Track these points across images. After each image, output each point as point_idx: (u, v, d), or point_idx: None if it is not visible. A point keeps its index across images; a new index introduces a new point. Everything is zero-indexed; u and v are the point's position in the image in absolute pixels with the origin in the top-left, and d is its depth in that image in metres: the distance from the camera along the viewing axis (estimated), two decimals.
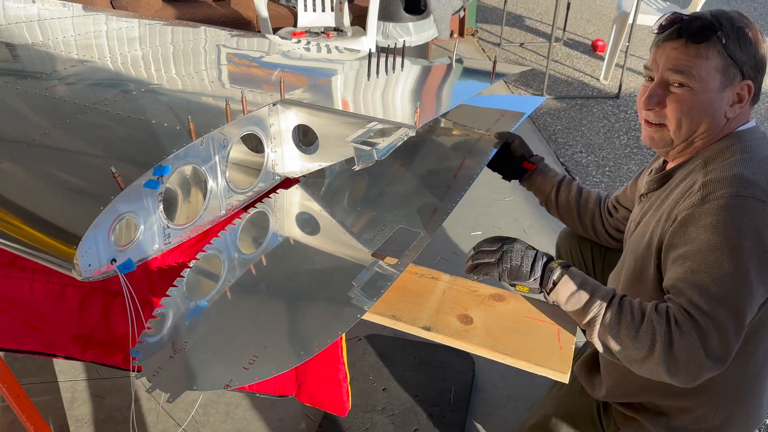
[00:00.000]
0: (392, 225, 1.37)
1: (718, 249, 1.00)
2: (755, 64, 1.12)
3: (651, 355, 0.98)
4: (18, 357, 2.04)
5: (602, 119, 4.18)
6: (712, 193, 1.05)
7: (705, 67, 1.10)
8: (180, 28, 2.17)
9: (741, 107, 1.14)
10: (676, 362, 0.97)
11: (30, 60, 1.76)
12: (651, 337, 0.98)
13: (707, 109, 1.13)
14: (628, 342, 1.01)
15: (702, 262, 1.01)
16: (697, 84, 1.11)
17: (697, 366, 0.97)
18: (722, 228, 1.01)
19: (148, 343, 1.07)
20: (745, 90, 1.13)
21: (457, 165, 1.59)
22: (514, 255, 1.15)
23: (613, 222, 1.54)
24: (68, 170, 1.19)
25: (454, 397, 1.88)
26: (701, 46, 1.10)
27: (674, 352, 0.97)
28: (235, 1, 4.62)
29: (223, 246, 1.29)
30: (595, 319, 1.05)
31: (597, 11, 7.15)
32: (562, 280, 1.11)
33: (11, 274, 1.38)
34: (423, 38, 4.33)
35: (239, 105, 1.34)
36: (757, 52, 1.11)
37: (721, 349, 0.98)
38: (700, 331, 0.97)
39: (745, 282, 0.99)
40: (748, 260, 0.99)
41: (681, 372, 0.97)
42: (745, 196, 1.02)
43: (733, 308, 0.99)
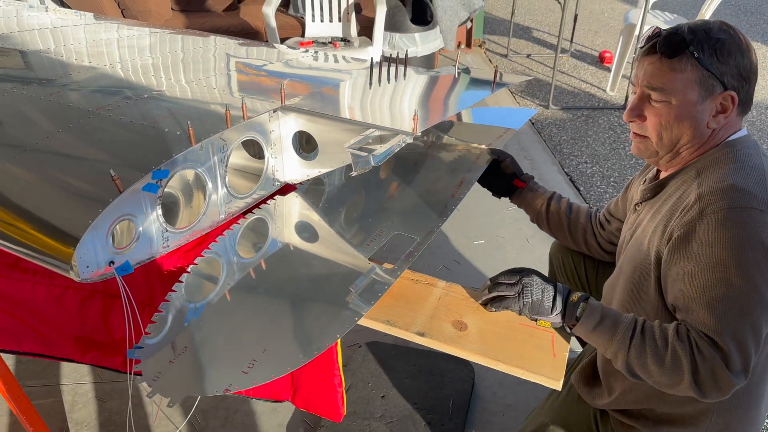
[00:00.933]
0: (389, 232, 1.38)
1: (725, 265, 1.01)
2: (738, 73, 1.11)
3: (680, 382, 1.02)
4: (21, 360, 2.06)
5: (608, 130, 4.18)
6: (709, 207, 1.05)
7: (681, 81, 1.11)
8: (189, 37, 2.20)
9: (726, 117, 1.14)
10: (704, 385, 1.01)
11: (39, 66, 1.79)
12: (678, 366, 1.02)
13: (686, 122, 1.14)
14: (655, 371, 1.04)
15: (711, 279, 1.02)
16: (673, 98, 1.12)
17: (725, 385, 1.00)
18: (725, 243, 1.01)
19: (147, 346, 1.08)
20: (729, 100, 1.12)
21: (456, 182, 1.61)
22: (534, 290, 1.16)
23: (605, 235, 1.54)
24: (69, 173, 1.21)
25: (452, 405, 1.87)
26: (674, 61, 1.11)
27: (700, 377, 1.00)
28: (244, 11, 4.67)
29: (221, 250, 1.30)
30: (620, 350, 1.08)
31: (604, 23, 7.17)
32: (584, 314, 1.12)
33: (13, 276, 1.40)
34: (429, 49, 4.35)
35: (240, 111, 1.36)
36: (740, 62, 1.10)
37: (743, 365, 1.00)
38: (722, 353, 1.00)
39: (758, 294, 1.00)
40: (756, 272, 1.00)
41: (710, 392, 1.01)
42: (742, 207, 1.02)
43: (749, 323, 1.00)
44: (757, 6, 8.04)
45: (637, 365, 1.07)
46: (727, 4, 7.91)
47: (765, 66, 5.58)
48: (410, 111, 1.53)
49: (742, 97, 1.13)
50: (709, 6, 4.49)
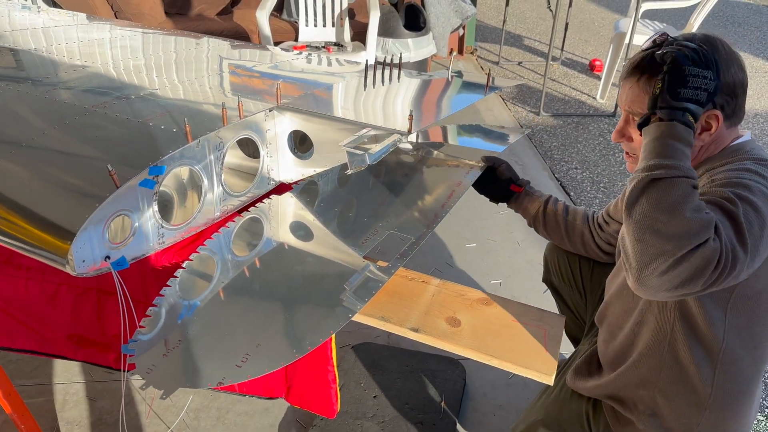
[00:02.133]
0: (383, 231, 1.40)
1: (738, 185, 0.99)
2: (724, 90, 1.07)
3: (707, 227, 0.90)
4: (12, 359, 2.05)
5: (598, 137, 4.22)
6: (726, 172, 1.06)
7: None
8: (182, 38, 2.21)
9: (711, 134, 1.12)
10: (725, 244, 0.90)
11: (33, 65, 1.79)
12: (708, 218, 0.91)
13: None
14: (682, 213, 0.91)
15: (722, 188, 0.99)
16: None
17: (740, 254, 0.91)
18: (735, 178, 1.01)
19: (141, 341, 1.09)
20: (713, 119, 1.10)
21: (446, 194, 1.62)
22: None
23: (604, 236, 1.56)
24: (65, 169, 1.21)
25: (444, 405, 1.88)
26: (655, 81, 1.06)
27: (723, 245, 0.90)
28: (238, 15, 4.68)
29: (216, 247, 1.31)
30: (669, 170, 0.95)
31: (595, 31, 7.24)
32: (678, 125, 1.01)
33: (6, 272, 1.40)
34: (422, 54, 4.38)
35: (236, 110, 1.37)
36: (725, 78, 1.07)
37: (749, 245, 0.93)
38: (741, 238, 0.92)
39: None
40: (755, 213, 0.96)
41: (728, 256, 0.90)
42: (750, 170, 1.03)
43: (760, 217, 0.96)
44: (744, 17, 8.17)
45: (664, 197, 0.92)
46: (714, 15, 8.02)
47: (753, 76, 5.66)
48: (405, 112, 1.55)
49: (728, 112, 1.11)
50: (698, 16, 4.56)
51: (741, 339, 1.11)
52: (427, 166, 1.78)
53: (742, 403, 1.19)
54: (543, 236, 1.69)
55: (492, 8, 8.39)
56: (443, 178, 1.70)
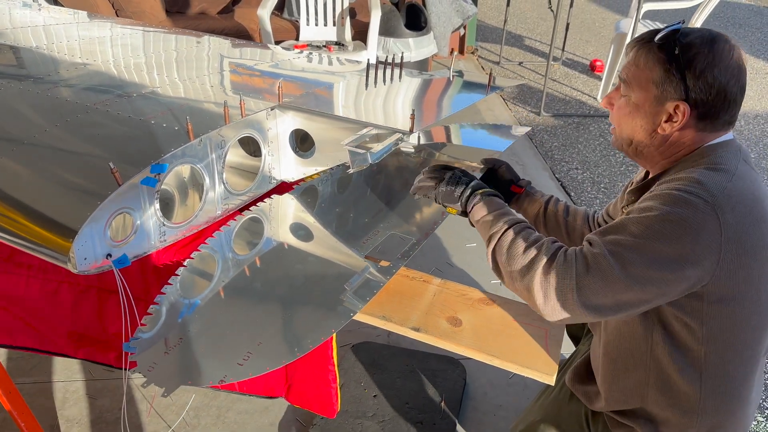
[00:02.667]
0: (384, 232, 1.40)
1: (639, 223, 1.01)
2: (703, 86, 1.07)
3: (529, 271, 1.03)
4: (12, 357, 2.05)
5: (599, 137, 4.22)
6: (662, 186, 1.07)
7: (643, 78, 1.10)
8: (183, 37, 2.20)
9: (673, 126, 1.11)
10: (548, 286, 1.00)
11: (33, 62, 1.79)
12: (536, 255, 1.03)
13: (637, 120, 1.14)
14: (514, 257, 1.06)
15: (619, 228, 1.03)
16: (633, 93, 1.13)
17: (565, 299, 0.99)
18: (652, 209, 1.01)
19: (142, 339, 1.09)
20: (679, 111, 1.09)
21: None
22: (450, 180, 1.27)
23: None
24: (67, 166, 1.21)
25: (444, 405, 1.88)
26: (649, 56, 1.10)
27: (550, 275, 1.00)
28: (239, 13, 4.68)
29: (217, 246, 1.31)
30: (495, 234, 1.12)
31: (596, 32, 7.25)
32: (481, 203, 1.20)
33: (7, 270, 1.40)
34: (423, 54, 4.38)
35: (238, 108, 1.37)
36: (710, 74, 1.06)
37: (594, 296, 0.99)
38: (584, 267, 0.99)
39: (648, 259, 0.98)
40: (659, 242, 0.98)
41: (550, 299, 1.00)
42: (689, 192, 1.02)
43: (624, 271, 0.98)
44: (746, 18, 8.17)
45: (502, 248, 1.08)
46: (715, 16, 8.03)
47: (753, 77, 5.66)
48: (406, 111, 1.55)
49: (703, 111, 1.09)
50: (699, 17, 4.56)
51: (725, 343, 1.10)
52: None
53: (736, 406, 1.19)
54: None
55: (493, 8, 8.39)
56: None
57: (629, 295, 1.00)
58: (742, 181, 1.07)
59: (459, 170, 1.30)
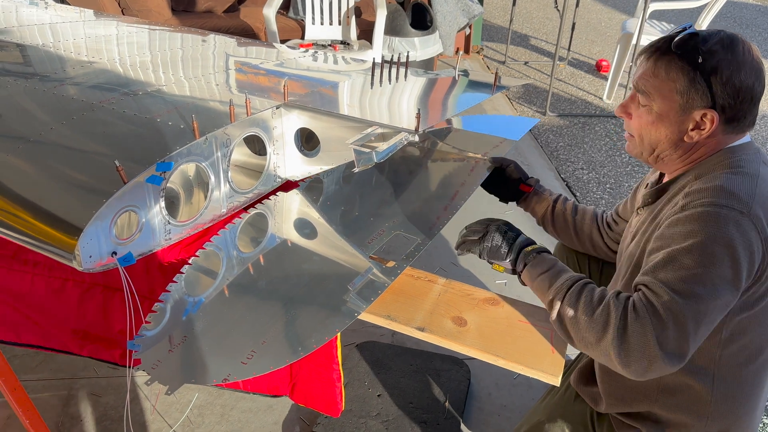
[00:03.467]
0: (389, 231, 1.39)
1: (690, 252, 1.00)
2: (729, 90, 1.07)
3: (604, 336, 0.98)
4: (17, 354, 2.06)
5: (604, 137, 4.21)
6: (692, 202, 1.06)
7: (666, 88, 1.09)
8: (189, 35, 2.21)
9: (701, 134, 1.11)
10: (629, 348, 0.96)
11: (40, 60, 1.80)
12: (606, 318, 0.99)
13: (663, 130, 1.13)
14: (583, 322, 1.02)
15: (672, 262, 1.01)
16: (655, 104, 1.11)
17: (649, 357, 0.95)
18: (696, 234, 1.01)
19: (146, 336, 1.09)
20: (707, 119, 1.09)
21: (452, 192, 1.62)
22: (496, 235, 1.24)
23: (613, 236, 1.55)
24: (73, 164, 1.22)
25: (448, 405, 1.88)
26: (670, 66, 1.08)
27: (627, 337, 0.96)
28: (244, 12, 4.68)
29: (222, 244, 1.31)
30: (556, 299, 1.08)
31: (602, 32, 7.22)
32: (533, 262, 1.16)
33: (13, 267, 1.40)
34: (428, 53, 4.37)
35: (243, 107, 1.37)
36: (733, 80, 1.06)
37: (677, 345, 0.96)
38: (658, 319, 0.96)
39: (713, 287, 0.99)
40: (717, 267, 0.99)
41: (633, 360, 0.96)
42: (723, 206, 1.02)
43: (695, 308, 0.98)
44: (753, 18, 8.13)
45: (568, 315, 1.05)
46: (722, 16, 7.99)
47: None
48: (412, 110, 1.54)
49: (729, 115, 1.09)
50: (706, 17, 4.54)
51: (742, 347, 1.10)
52: (433, 163, 1.77)
53: (746, 410, 1.19)
54: (552, 235, 1.68)
55: (499, 8, 8.37)
56: (450, 176, 1.69)
57: (705, 329, 0.99)
58: (765, 183, 1.08)
59: (503, 223, 1.27)
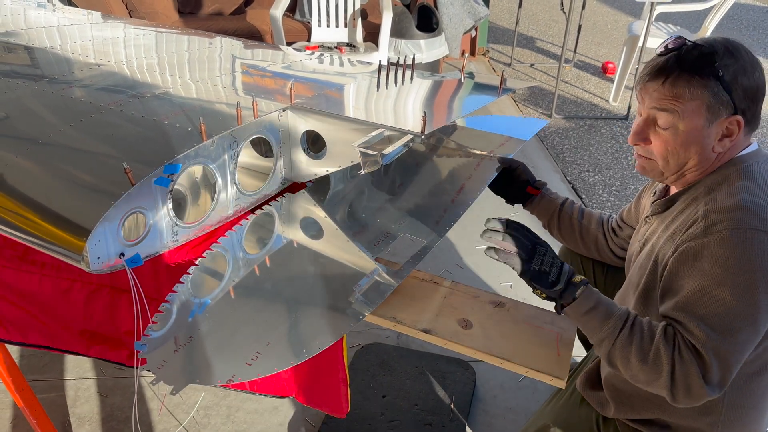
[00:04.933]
0: (395, 233, 1.39)
1: (722, 283, 1.01)
2: (744, 96, 1.09)
3: (657, 380, 1.04)
4: (24, 354, 2.07)
5: (610, 140, 4.20)
6: (714, 226, 1.05)
7: (691, 107, 1.09)
8: (195, 38, 2.22)
9: (731, 140, 1.12)
10: (677, 389, 1.02)
11: (48, 62, 1.81)
12: (658, 364, 1.03)
13: (693, 147, 1.12)
14: (635, 365, 1.05)
15: (706, 296, 1.02)
16: (681, 123, 1.11)
17: (697, 394, 1.01)
18: (725, 261, 1.02)
19: (153, 336, 1.09)
20: (735, 125, 1.10)
21: (456, 187, 1.62)
22: (546, 260, 1.14)
23: (618, 241, 1.55)
24: (81, 166, 1.22)
25: (453, 407, 1.88)
26: (688, 83, 1.08)
27: (676, 381, 1.02)
28: (251, 14, 4.70)
29: (229, 245, 1.32)
30: (607, 338, 1.09)
31: (608, 34, 7.21)
32: (581, 296, 1.11)
33: (21, 268, 1.41)
34: (434, 55, 4.38)
35: (250, 109, 1.38)
36: (746, 83, 1.08)
37: (721, 379, 1.01)
38: (702, 362, 1.01)
39: (749, 316, 1.00)
40: (752, 295, 1.00)
41: (682, 397, 1.02)
42: (746, 228, 1.02)
43: (734, 342, 1.01)
44: (759, 21, 8.10)
45: (620, 356, 1.07)
46: (729, 19, 7.96)
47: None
48: (418, 113, 1.54)
49: (749, 118, 1.11)
50: (712, 20, 4.52)
51: (753, 358, 1.10)
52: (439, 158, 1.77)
53: (755, 418, 1.18)
54: (557, 239, 1.68)
55: (505, 10, 8.37)
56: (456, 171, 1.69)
57: (745, 355, 1.04)
58: None
59: (549, 247, 1.19)
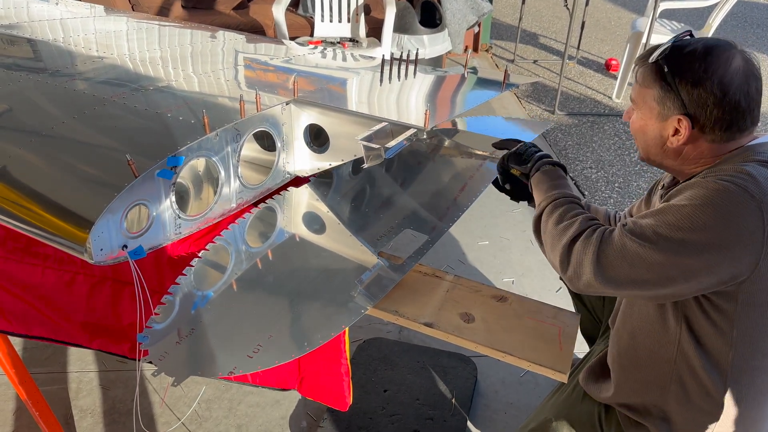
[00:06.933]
0: (398, 228, 1.39)
1: (680, 210, 1.00)
2: (698, 101, 1.06)
3: (560, 239, 1.11)
4: (27, 346, 2.08)
5: (613, 137, 4.20)
6: (708, 176, 1.05)
7: (647, 96, 1.14)
8: (198, 31, 2.21)
9: (679, 140, 1.11)
10: (571, 255, 1.08)
11: (51, 55, 1.81)
12: (566, 231, 1.11)
13: (647, 136, 1.17)
14: (551, 226, 1.16)
15: (660, 213, 1.02)
16: (639, 111, 1.17)
17: (585, 269, 1.05)
18: (698, 198, 0.99)
19: (155, 328, 1.09)
20: (680, 124, 1.10)
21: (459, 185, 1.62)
22: (523, 146, 1.43)
23: None
24: (84, 158, 1.22)
25: (455, 402, 1.88)
26: (647, 75, 1.13)
27: (575, 245, 1.08)
28: (254, 9, 4.69)
29: (232, 238, 1.32)
30: (542, 203, 1.24)
31: (611, 31, 7.19)
32: (545, 170, 1.32)
33: (24, 260, 1.41)
34: (437, 51, 4.37)
35: (253, 103, 1.38)
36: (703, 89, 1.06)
37: (612, 268, 1.03)
38: (610, 238, 1.05)
39: (680, 244, 0.98)
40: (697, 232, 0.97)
41: (571, 266, 1.08)
42: (738, 184, 0.99)
43: (652, 250, 0.99)
44: (764, 19, 8.07)
45: (544, 218, 1.20)
46: (733, 16, 7.94)
47: None
48: (421, 107, 1.54)
49: (706, 123, 1.08)
50: (716, 17, 4.51)
51: (754, 349, 1.09)
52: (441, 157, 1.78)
53: (756, 413, 1.18)
54: None
55: (508, 6, 8.35)
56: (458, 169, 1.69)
57: (649, 275, 1.01)
58: None
59: (534, 144, 1.44)
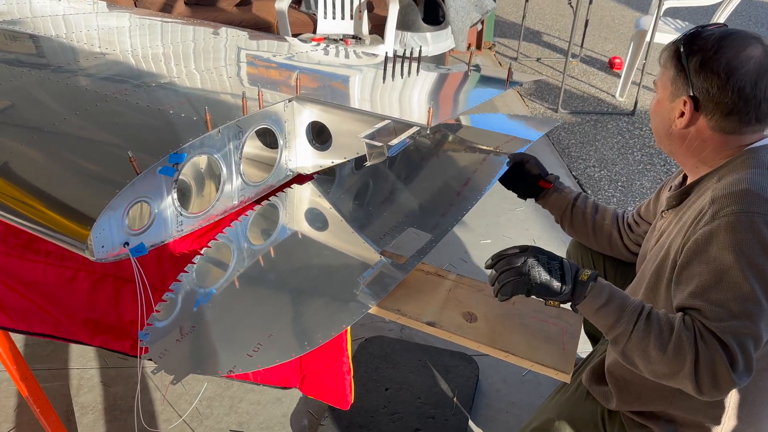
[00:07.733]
0: (402, 227, 1.39)
1: (732, 268, 1.01)
2: (706, 84, 1.10)
3: (680, 371, 1.01)
4: (28, 343, 2.08)
5: (617, 135, 4.18)
6: (721, 210, 1.05)
7: (664, 77, 1.19)
8: (201, 28, 2.21)
9: (682, 122, 1.16)
10: (703, 378, 0.99)
11: (53, 51, 1.80)
12: (680, 353, 1.00)
13: (658, 118, 1.22)
14: (656, 356, 1.02)
15: (721, 281, 1.02)
16: (658, 92, 1.22)
17: (724, 382, 0.99)
18: (735, 246, 1.01)
19: (156, 326, 1.09)
20: (684, 105, 1.14)
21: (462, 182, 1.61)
22: (540, 270, 1.08)
23: (633, 237, 1.53)
24: (86, 155, 1.22)
25: (456, 401, 1.88)
26: (667, 56, 1.17)
27: (700, 368, 0.99)
28: (257, 6, 4.68)
29: (234, 236, 1.31)
30: (623, 334, 1.06)
31: (615, 29, 7.17)
32: (591, 293, 1.08)
33: (26, 257, 1.41)
34: (440, 48, 4.36)
35: (256, 100, 1.37)
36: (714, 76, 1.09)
37: (746, 365, 0.99)
38: (724, 347, 0.99)
39: (765, 301, 1.00)
40: (762, 278, 1.00)
41: (708, 387, 1.00)
42: (753, 212, 1.02)
43: (754, 326, 1.00)
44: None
45: (638, 350, 1.03)
46: (738, 14, 7.91)
47: None
48: (424, 105, 1.54)
49: (709, 107, 1.12)
50: (721, 15, 4.49)
51: (763, 354, 1.09)
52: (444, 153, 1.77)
53: (760, 413, 1.18)
54: (569, 234, 1.67)
55: (511, 3, 8.33)
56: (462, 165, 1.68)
57: (762, 341, 1.01)
58: None
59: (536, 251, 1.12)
